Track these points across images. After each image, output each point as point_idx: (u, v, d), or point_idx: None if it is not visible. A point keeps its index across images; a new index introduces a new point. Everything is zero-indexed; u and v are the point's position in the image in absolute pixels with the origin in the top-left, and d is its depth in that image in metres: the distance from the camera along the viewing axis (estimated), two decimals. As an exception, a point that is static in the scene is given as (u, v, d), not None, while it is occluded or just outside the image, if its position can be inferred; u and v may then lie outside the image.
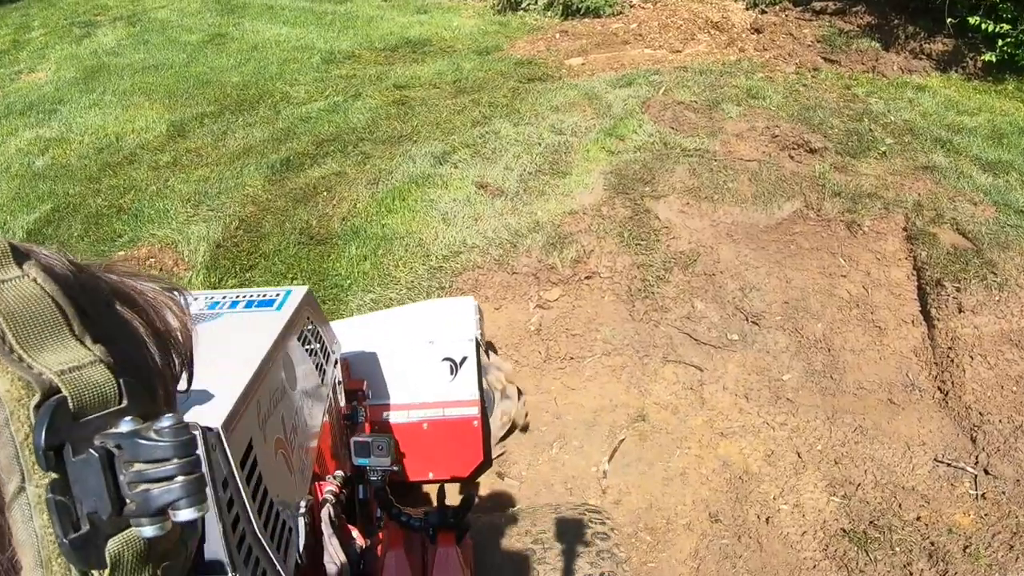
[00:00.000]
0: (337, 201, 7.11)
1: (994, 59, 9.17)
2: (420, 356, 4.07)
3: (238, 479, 1.96)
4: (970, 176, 7.12)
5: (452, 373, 4.07)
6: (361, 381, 3.60)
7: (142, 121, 9.17)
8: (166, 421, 0.70)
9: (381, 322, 4.45)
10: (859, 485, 4.79)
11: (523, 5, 12.95)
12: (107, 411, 0.70)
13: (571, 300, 6.05)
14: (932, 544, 4.38)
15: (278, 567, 2.11)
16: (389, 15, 13.31)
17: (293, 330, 2.68)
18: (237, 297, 2.83)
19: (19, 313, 0.68)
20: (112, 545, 0.67)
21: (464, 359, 4.09)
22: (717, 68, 9.61)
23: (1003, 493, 4.66)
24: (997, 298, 5.82)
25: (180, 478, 0.69)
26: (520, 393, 4.78)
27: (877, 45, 10.03)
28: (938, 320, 5.81)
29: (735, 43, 10.59)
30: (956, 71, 9.58)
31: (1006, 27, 8.95)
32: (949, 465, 4.88)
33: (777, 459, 4.99)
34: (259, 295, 2.86)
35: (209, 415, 1.94)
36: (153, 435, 0.70)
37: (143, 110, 9.52)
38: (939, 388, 5.46)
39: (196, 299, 2.54)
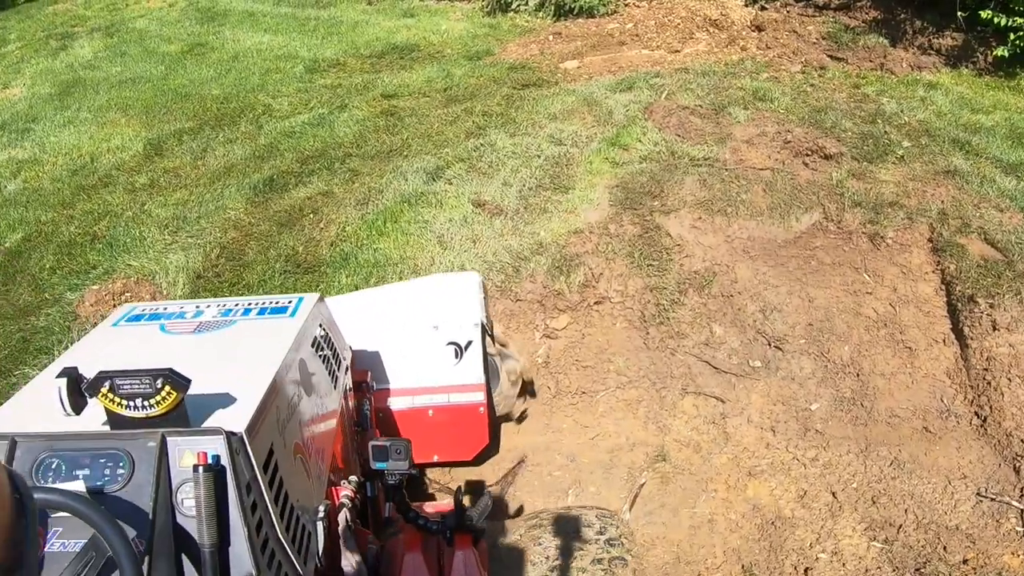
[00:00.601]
0: (324, 224, 6.70)
1: (1006, 54, 8.87)
2: (424, 340, 4.04)
3: (261, 483, 2.03)
4: (993, 180, 6.79)
5: (457, 357, 4.05)
6: (365, 372, 3.66)
7: (118, 139, 8.79)
8: None
9: (383, 300, 4.35)
10: (900, 527, 4.44)
11: (513, 6, 12.54)
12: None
13: (580, 328, 5.67)
14: (984, 591, 4.05)
15: (299, 570, 2.19)
16: (374, 20, 12.90)
17: (307, 336, 2.81)
18: (250, 304, 2.94)
19: None
20: None
21: (469, 343, 4.06)
22: (720, 69, 9.25)
23: (1053, 529, 4.33)
24: None
25: None
26: (531, 386, 4.99)
27: (884, 41, 9.71)
28: (971, 339, 5.48)
29: (736, 42, 10.22)
30: (967, 67, 9.28)
31: (1020, 20, 8.63)
32: (993, 499, 4.54)
33: (811, 500, 4.63)
34: (272, 302, 2.97)
35: (231, 420, 2.03)
36: None
37: (119, 127, 9.14)
38: (976, 413, 5.12)
39: (209, 306, 2.94)
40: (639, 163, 7.17)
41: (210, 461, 1.90)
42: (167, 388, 1.91)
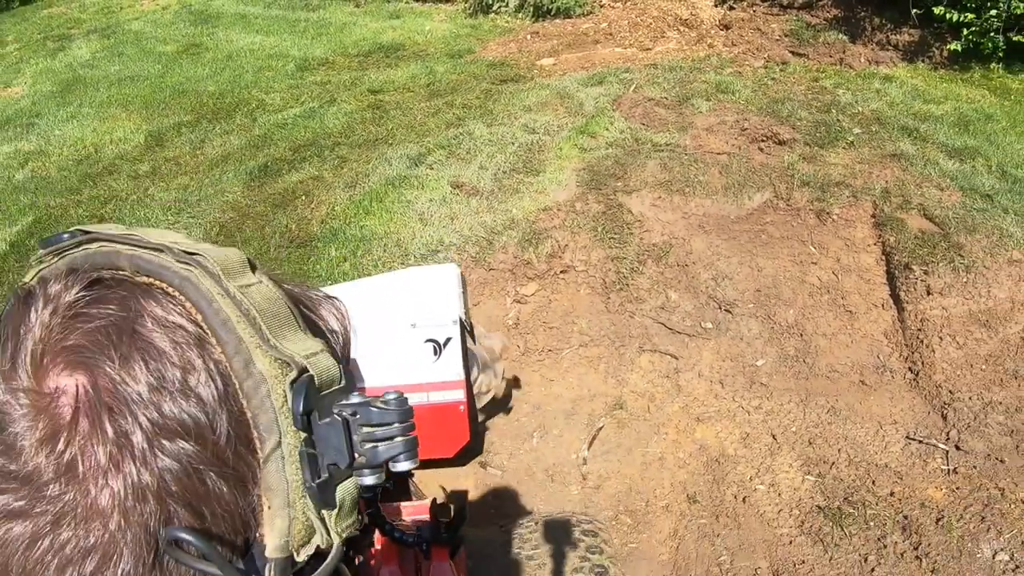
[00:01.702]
0: (315, 205, 7.20)
1: (960, 48, 9.27)
2: (401, 337, 3.97)
3: None
4: (936, 163, 7.23)
5: (436, 354, 3.97)
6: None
7: (120, 132, 9.24)
8: (390, 395, 0.89)
9: (358, 295, 4.24)
10: (833, 464, 4.88)
11: (494, 8, 13.02)
12: (335, 388, 0.85)
13: (547, 294, 6.15)
14: (905, 518, 4.48)
15: None
16: (362, 21, 13.38)
17: None
18: None
19: (267, 311, 0.83)
20: (339, 491, 0.83)
21: (448, 340, 3.98)
22: (687, 64, 9.71)
23: (974, 467, 4.75)
24: (964, 280, 5.92)
25: (400, 438, 0.88)
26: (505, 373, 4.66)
27: (844, 38, 10.16)
28: (907, 303, 5.92)
29: (704, 39, 10.71)
30: (923, 61, 9.69)
31: (971, 16, 9.06)
32: (921, 442, 4.97)
33: (752, 441, 5.08)
34: None
35: None
36: (380, 404, 0.87)
37: (120, 121, 9.59)
38: (910, 369, 5.57)
39: None
40: (605, 149, 7.67)
41: None
42: None
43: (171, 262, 0.81)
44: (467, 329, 4.12)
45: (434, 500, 2.78)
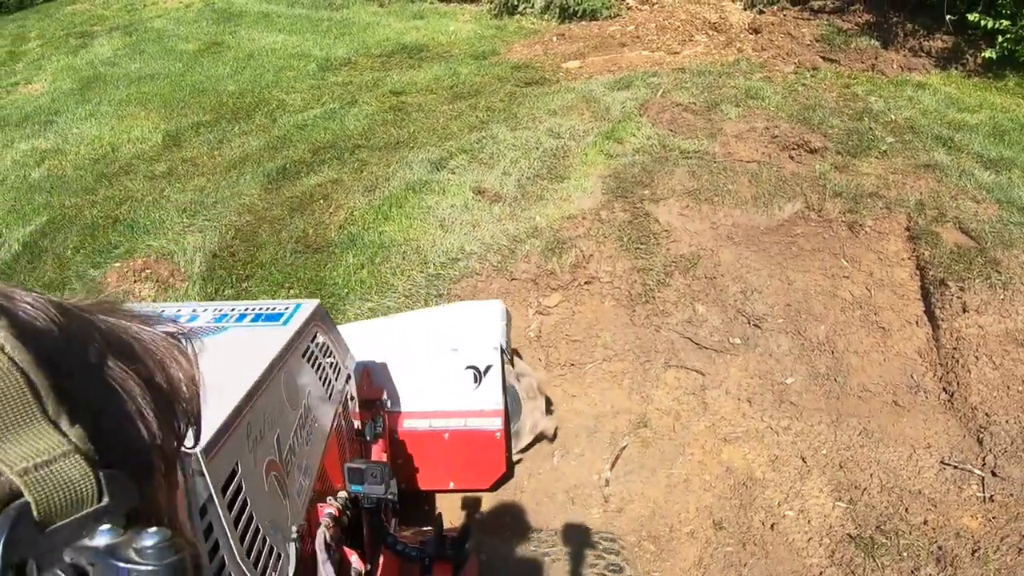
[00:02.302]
0: (334, 209, 7.06)
1: (994, 55, 9.11)
2: (443, 363, 3.98)
3: (218, 506, 1.89)
4: (972, 174, 7.05)
5: (476, 381, 3.99)
6: (380, 390, 3.56)
7: (138, 131, 9.15)
8: (149, 539, 0.59)
9: (405, 325, 4.33)
10: (865, 489, 4.70)
11: (519, 9, 12.89)
12: (82, 513, 0.59)
13: (571, 306, 5.99)
14: (940, 548, 4.30)
15: None
16: (385, 21, 13.27)
17: (298, 346, 2.64)
18: (245, 310, 2.81)
19: None
20: None
21: (488, 368, 4.00)
22: (715, 69, 9.54)
23: (1011, 495, 4.56)
24: (1001, 297, 5.74)
25: None
26: (549, 403, 4.80)
27: (876, 43, 9.98)
28: (942, 320, 5.73)
29: (733, 43, 10.52)
30: (956, 68, 9.51)
31: (1006, 23, 8.88)
32: (956, 467, 4.78)
33: (781, 464, 4.90)
34: (268, 308, 2.84)
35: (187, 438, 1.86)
36: (133, 554, 0.59)
37: (139, 120, 9.50)
38: (944, 389, 5.37)
39: (205, 310, 2.79)
40: (632, 155, 7.50)
41: None
42: None
43: None
44: (509, 360, 4.18)
45: (439, 515, 2.95)
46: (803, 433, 5.10)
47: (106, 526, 0.60)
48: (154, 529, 0.60)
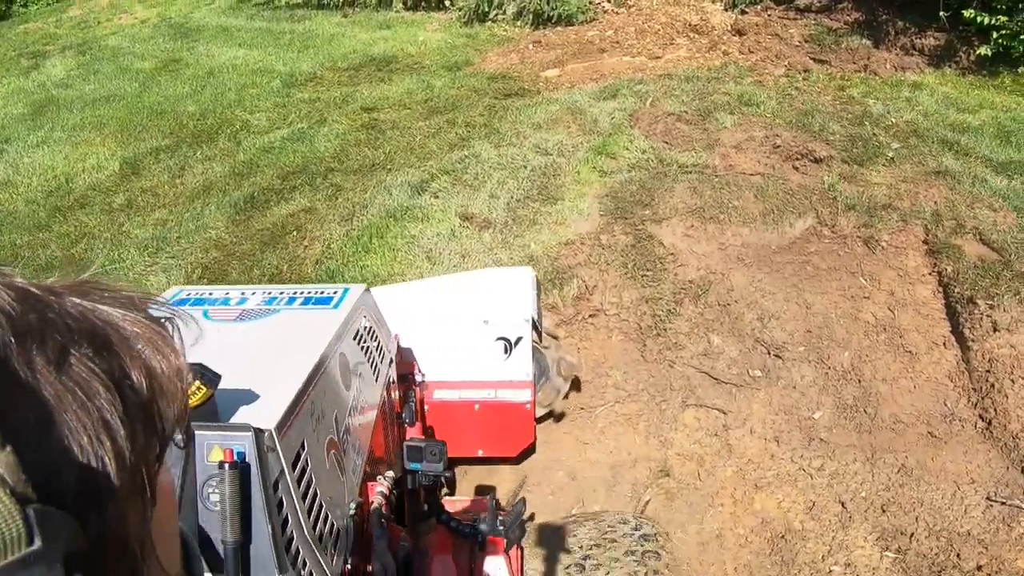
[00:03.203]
0: (309, 241, 6.56)
1: (989, 52, 8.86)
2: (473, 334, 4.04)
3: (289, 481, 2.00)
4: (984, 180, 6.76)
5: (506, 352, 4.03)
6: (411, 364, 3.63)
7: (93, 159, 8.59)
8: None
9: (434, 292, 4.37)
10: (912, 535, 4.34)
11: (491, 16, 12.40)
12: (7, 562, 0.48)
13: (576, 342, 5.55)
14: (997, 599, 3.95)
15: (325, 569, 2.15)
16: (350, 32, 12.74)
17: (350, 329, 2.76)
18: (295, 293, 2.90)
19: None
20: None
21: (519, 339, 4.05)
22: (703, 74, 9.16)
23: (1064, 532, 4.24)
24: None
25: None
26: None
27: (867, 42, 9.67)
28: (972, 341, 5.41)
29: (717, 46, 10.15)
30: (950, 66, 9.26)
31: (1003, 19, 8.61)
32: (1004, 504, 4.44)
33: (820, 511, 4.52)
34: (317, 292, 2.93)
35: (262, 416, 1.98)
36: None
37: (94, 146, 8.94)
38: (981, 416, 5.04)
39: (254, 293, 2.91)
40: (627, 171, 7.08)
41: (236, 458, 1.87)
42: (197, 383, 1.86)
43: None
44: (537, 329, 4.27)
45: (493, 492, 3.16)
46: (838, 474, 4.73)
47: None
48: None
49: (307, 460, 2.12)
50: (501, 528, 2.90)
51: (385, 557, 2.57)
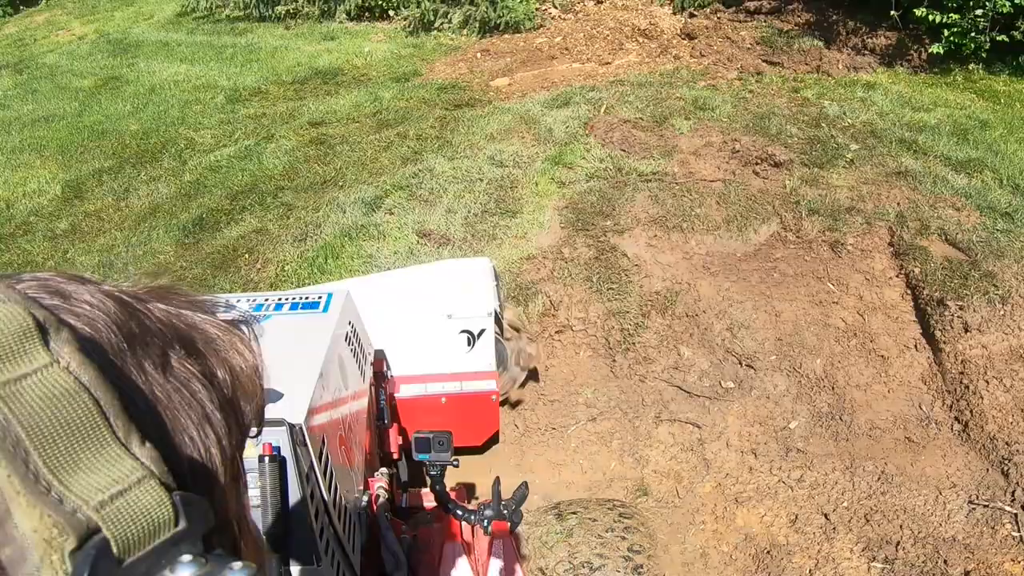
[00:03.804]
0: (262, 264, 6.34)
1: (941, 50, 8.92)
2: (437, 327, 4.04)
3: (317, 473, 2.07)
4: (945, 179, 6.75)
5: (469, 344, 4.05)
6: (381, 362, 3.59)
7: (34, 183, 8.28)
8: (236, 573, 0.57)
9: (395, 286, 4.34)
10: (898, 543, 4.27)
11: (436, 25, 12.23)
12: (159, 541, 0.55)
13: (543, 360, 5.39)
14: (988, 602, 3.90)
15: (350, 558, 2.26)
16: (294, 44, 12.49)
17: (341, 332, 2.80)
18: (280, 300, 2.90)
19: (46, 423, 0.53)
20: None
21: (482, 331, 4.06)
22: (655, 79, 9.07)
23: (1047, 532, 4.22)
24: (1002, 313, 5.40)
25: None
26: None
27: (819, 43, 9.67)
28: (944, 343, 5.37)
29: (668, 51, 10.08)
30: (902, 65, 9.30)
31: (955, 17, 8.63)
32: (986, 506, 4.41)
33: (803, 524, 4.42)
34: (301, 297, 2.93)
35: (289, 412, 2.01)
36: None
37: (35, 169, 8.63)
38: (956, 419, 4.99)
39: (239, 301, 2.86)
40: (586, 182, 6.95)
41: (274, 452, 1.91)
42: None
43: None
44: (499, 319, 4.28)
45: (496, 478, 2.90)
46: (819, 484, 4.64)
47: (187, 558, 0.57)
48: (239, 565, 0.58)
49: (327, 455, 2.19)
50: (505, 512, 2.90)
51: (395, 547, 2.66)
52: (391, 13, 13.13)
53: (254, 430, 0.77)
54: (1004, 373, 5.07)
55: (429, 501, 3.41)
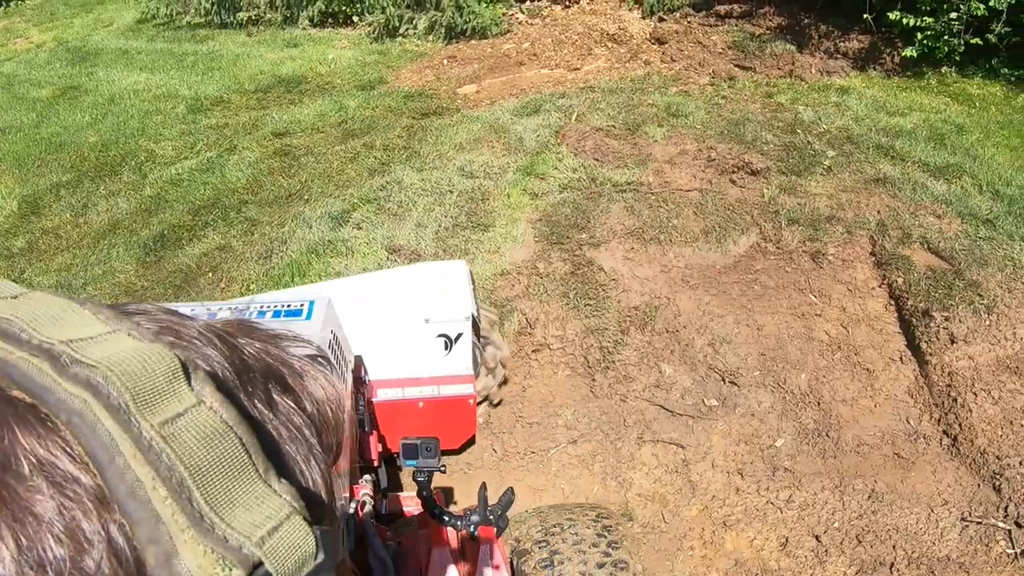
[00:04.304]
0: (226, 283, 6.12)
1: (914, 54, 8.88)
2: (414, 331, 4.03)
3: None
4: (924, 186, 6.67)
5: (447, 349, 4.05)
6: (358, 366, 3.58)
7: (-11, 199, 8.00)
8: None
9: (371, 289, 4.28)
10: (892, 565, 4.15)
11: (402, 31, 12.04)
12: (305, 574, 0.58)
13: (520, 380, 5.22)
14: (984, 623, 3.80)
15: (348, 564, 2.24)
16: (256, 52, 12.26)
17: (324, 340, 2.75)
18: (263, 307, 2.87)
19: (204, 462, 0.54)
20: None
21: (459, 335, 4.06)
22: (626, 86, 8.94)
23: (1042, 547, 4.13)
24: (988, 323, 5.30)
25: None
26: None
27: (791, 48, 9.58)
28: (930, 355, 5.26)
29: (638, 56, 9.95)
30: (874, 69, 9.26)
31: (929, 20, 8.57)
32: (979, 523, 4.31)
33: (794, 547, 4.28)
34: (284, 304, 2.91)
35: None
36: None
37: (-11, 185, 8.35)
38: (945, 433, 4.88)
39: (221, 308, 2.81)
40: (559, 193, 6.79)
41: None
42: None
43: (56, 381, 0.52)
44: (476, 324, 4.24)
45: (483, 484, 2.88)
46: (808, 505, 4.50)
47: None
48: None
49: None
50: (491, 517, 2.92)
51: (382, 552, 2.65)
52: (355, 19, 12.97)
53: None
54: (992, 385, 4.97)
55: (409, 506, 3.45)
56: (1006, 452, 4.60)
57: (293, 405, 0.67)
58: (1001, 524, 4.27)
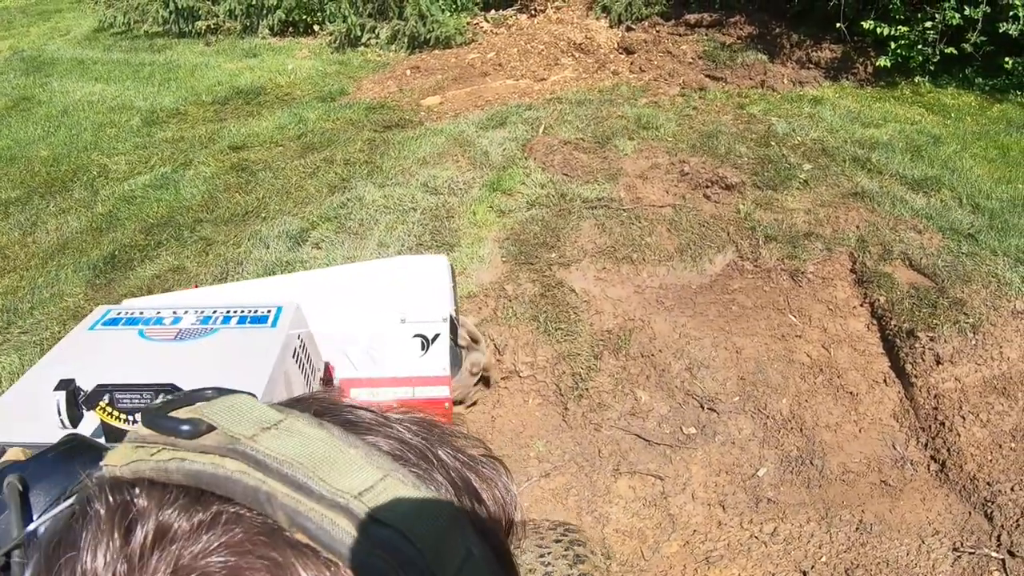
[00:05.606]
0: (180, 307, 5.81)
1: (888, 63, 8.84)
2: (390, 330, 3.82)
3: None
4: (903, 199, 6.53)
5: (423, 349, 3.86)
6: (331, 371, 3.52)
7: (-66, 217, 7.65)
8: None
9: (346, 284, 4.11)
10: None
11: (363, 40, 11.81)
12: None
13: (488, 410, 4.99)
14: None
15: None
16: (214, 62, 11.96)
17: (288, 348, 2.74)
18: (228, 312, 2.85)
19: None
20: None
21: (437, 336, 3.87)
22: (594, 97, 8.75)
23: (1036, 577, 3.97)
24: (973, 342, 5.15)
25: None
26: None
27: (763, 57, 9.47)
28: (915, 377, 5.10)
29: (606, 66, 9.78)
30: (847, 78, 9.19)
31: (903, 29, 8.47)
32: (971, 553, 4.13)
33: (781, 585, 4.06)
34: (250, 311, 2.88)
35: None
36: None
37: (-65, 202, 7.99)
38: (933, 458, 4.71)
39: (187, 312, 2.87)
40: (527, 210, 6.58)
41: None
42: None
43: (349, 542, 0.52)
44: (455, 323, 4.12)
45: None
46: (793, 538, 4.30)
47: None
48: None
49: None
50: None
51: None
52: (316, 28, 12.75)
53: None
54: (980, 407, 4.82)
55: None
56: (996, 477, 4.45)
57: (495, 522, 0.65)
58: (994, 554, 4.11)
